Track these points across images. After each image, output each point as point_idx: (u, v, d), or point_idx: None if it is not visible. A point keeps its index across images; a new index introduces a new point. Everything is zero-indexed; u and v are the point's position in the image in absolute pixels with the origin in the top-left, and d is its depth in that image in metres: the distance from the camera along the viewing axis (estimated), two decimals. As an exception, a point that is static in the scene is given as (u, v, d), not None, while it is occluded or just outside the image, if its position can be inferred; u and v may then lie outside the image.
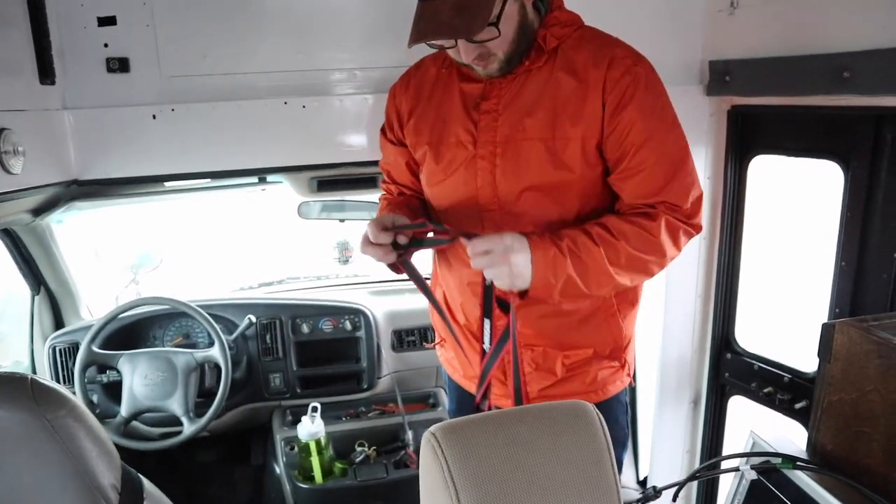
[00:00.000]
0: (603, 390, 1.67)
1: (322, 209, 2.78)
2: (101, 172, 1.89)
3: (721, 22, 2.10)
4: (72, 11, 1.80)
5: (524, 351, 1.62)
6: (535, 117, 1.47)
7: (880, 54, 1.62)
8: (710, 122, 2.23)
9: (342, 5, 1.93)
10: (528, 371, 1.64)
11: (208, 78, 1.90)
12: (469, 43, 1.38)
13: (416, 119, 1.61)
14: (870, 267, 1.90)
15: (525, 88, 1.48)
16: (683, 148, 1.51)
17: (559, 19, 1.49)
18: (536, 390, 1.64)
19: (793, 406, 2.10)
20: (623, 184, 1.49)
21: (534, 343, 1.61)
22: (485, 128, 1.50)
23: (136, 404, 2.33)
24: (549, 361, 1.62)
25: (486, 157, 1.51)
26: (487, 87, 1.51)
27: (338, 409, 2.62)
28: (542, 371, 1.63)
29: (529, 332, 1.60)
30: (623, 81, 1.44)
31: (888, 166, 1.81)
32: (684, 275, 2.38)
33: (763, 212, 2.31)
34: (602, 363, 1.65)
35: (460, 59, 1.45)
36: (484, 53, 1.41)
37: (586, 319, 1.60)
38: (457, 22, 1.31)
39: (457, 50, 1.41)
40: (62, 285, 2.70)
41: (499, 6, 1.34)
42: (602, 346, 1.64)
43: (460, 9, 1.30)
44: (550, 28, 1.47)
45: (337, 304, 2.73)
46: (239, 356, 2.60)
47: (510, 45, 1.42)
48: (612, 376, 1.68)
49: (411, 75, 1.67)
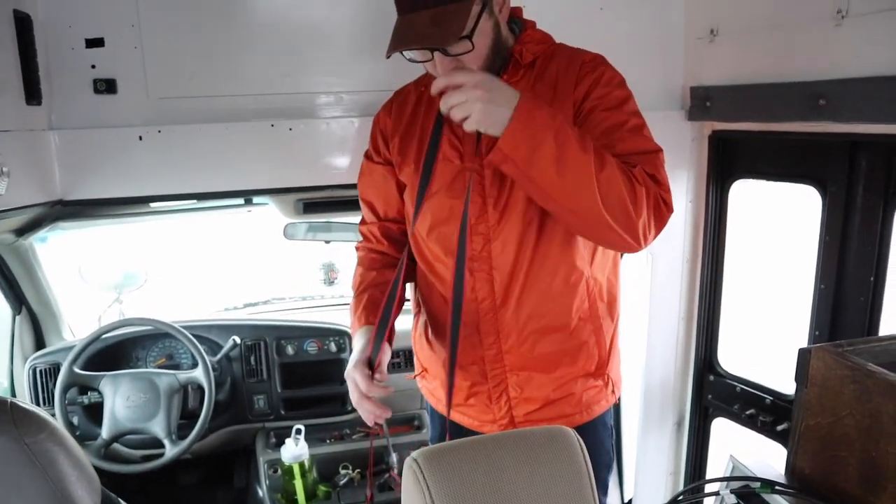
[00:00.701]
0: (588, 411, 1.67)
1: (308, 230, 2.79)
2: (85, 193, 1.88)
3: (702, 49, 2.15)
4: (60, 33, 1.80)
5: (510, 376, 1.62)
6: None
7: (854, 83, 1.67)
8: (691, 146, 2.27)
9: (330, 29, 1.95)
10: (514, 396, 1.64)
11: (195, 100, 1.91)
12: (444, 57, 1.41)
13: (400, 139, 1.63)
14: (848, 290, 1.93)
15: None
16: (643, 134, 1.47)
17: (533, 37, 1.55)
18: (522, 415, 1.64)
19: (775, 428, 2.11)
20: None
21: (519, 368, 1.62)
22: (470, 141, 1.54)
23: (118, 426, 2.31)
24: (534, 386, 1.62)
25: (474, 168, 1.54)
26: None
27: (322, 431, 2.60)
28: (528, 395, 1.63)
29: (515, 356, 1.60)
30: (591, 75, 1.49)
31: (864, 191, 1.85)
32: (667, 296, 2.41)
33: (745, 235, 2.35)
34: (587, 383, 1.66)
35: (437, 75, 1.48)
36: (459, 68, 1.43)
37: (571, 335, 1.61)
38: (432, 32, 1.35)
39: (433, 64, 1.45)
40: (44, 305, 2.68)
41: (473, 21, 1.38)
42: (587, 363, 1.64)
43: (436, 21, 1.35)
44: (526, 44, 1.53)
45: (322, 325, 2.72)
46: (223, 377, 2.59)
47: (485, 61, 1.46)
48: (596, 395, 1.68)
49: (393, 100, 1.70)
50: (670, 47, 2.21)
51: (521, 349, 1.60)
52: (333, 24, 1.95)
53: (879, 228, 1.83)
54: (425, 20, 1.36)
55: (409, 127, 1.63)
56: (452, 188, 1.56)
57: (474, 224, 1.55)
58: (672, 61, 2.22)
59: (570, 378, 1.64)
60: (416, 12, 1.37)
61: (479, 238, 1.55)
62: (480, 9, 1.40)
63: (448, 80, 1.29)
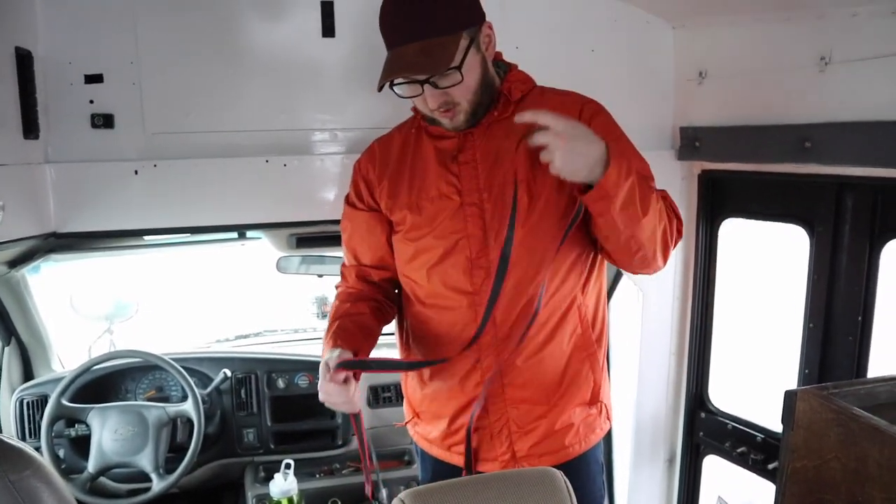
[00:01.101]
0: (586, 440, 1.69)
1: (301, 263, 2.79)
2: (80, 226, 1.89)
3: (691, 90, 2.20)
4: (60, 69, 1.83)
5: (510, 409, 1.63)
6: (513, 161, 1.54)
7: (838, 127, 1.71)
8: (681, 185, 2.30)
9: (324, 67, 1.99)
10: (515, 430, 1.64)
11: (191, 135, 1.93)
12: (434, 90, 1.45)
13: (389, 182, 1.65)
14: (837, 329, 1.95)
15: (498, 137, 1.57)
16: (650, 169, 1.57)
17: (519, 77, 1.61)
18: (525, 448, 1.65)
19: (766, 467, 2.11)
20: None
21: (520, 401, 1.62)
22: (468, 177, 1.57)
23: (105, 460, 2.28)
24: (534, 417, 1.63)
25: (474, 203, 1.56)
26: (461, 140, 1.58)
27: (312, 465, 2.58)
28: (530, 429, 1.64)
29: (516, 389, 1.61)
30: (585, 113, 1.55)
31: (850, 232, 1.88)
32: (658, 333, 2.42)
33: (735, 272, 2.37)
34: (584, 412, 1.68)
35: (426, 110, 1.53)
36: (449, 102, 1.48)
37: (568, 364, 1.62)
38: (422, 62, 1.41)
39: (423, 99, 1.49)
40: (34, 336, 2.66)
41: (462, 54, 1.43)
42: (584, 391, 1.66)
43: (425, 52, 1.41)
44: (513, 83, 1.58)
45: (313, 358, 2.71)
46: (213, 410, 2.57)
47: (474, 95, 1.50)
48: (592, 423, 1.70)
49: (374, 148, 1.72)
50: (660, 88, 2.25)
51: (521, 382, 1.61)
52: (328, 62, 1.99)
53: (866, 268, 1.86)
54: (414, 51, 1.41)
55: (397, 169, 1.65)
56: (451, 223, 1.58)
57: (475, 258, 1.57)
58: (662, 102, 2.26)
59: (569, 408, 1.65)
60: (405, 45, 1.43)
61: (480, 272, 1.57)
62: (468, 43, 1.45)
63: (534, 116, 1.32)
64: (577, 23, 2.14)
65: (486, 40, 1.52)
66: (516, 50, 1.97)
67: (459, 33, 1.43)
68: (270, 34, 1.95)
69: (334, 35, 1.97)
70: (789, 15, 1.83)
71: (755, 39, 1.96)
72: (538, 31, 2.10)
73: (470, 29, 1.46)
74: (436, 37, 1.41)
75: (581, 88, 1.68)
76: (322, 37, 1.97)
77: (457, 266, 1.58)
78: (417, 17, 1.42)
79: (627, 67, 2.20)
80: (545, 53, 2.07)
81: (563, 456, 1.66)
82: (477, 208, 1.56)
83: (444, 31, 1.42)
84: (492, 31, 1.54)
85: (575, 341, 1.63)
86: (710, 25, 2.10)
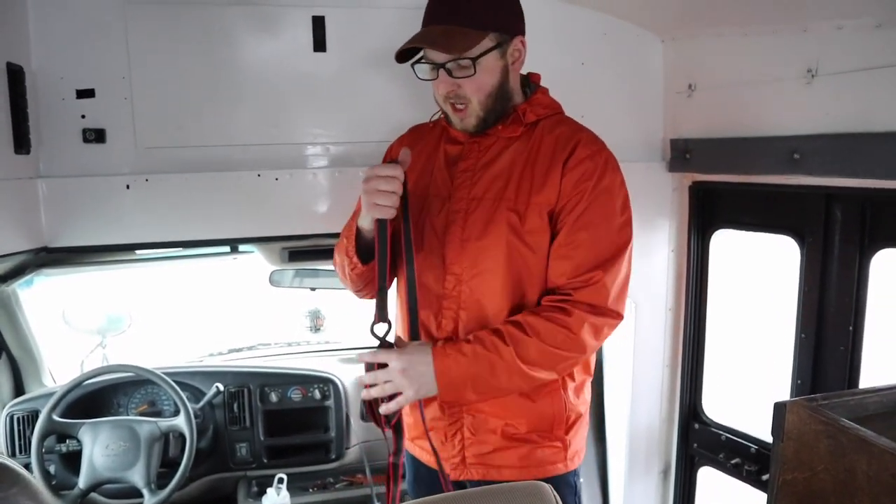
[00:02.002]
0: (540, 468, 1.64)
1: (294, 277, 2.79)
2: (71, 240, 1.89)
3: (681, 103, 2.22)
4: (51, 84, 1.84)
5: (465, 416, 1.63)
6: (506, 183, 1.57)
7: (826, 139, 1.73)
8: (672, 196, 2.31)
9: (316, 81, 2.00)
10: (468, 436, 1.64)
11: (183, 150, 1.94)
12: (447, 77, 1.51)
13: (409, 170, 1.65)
14: (828, 339, 1.95)
15: (501, 155, 1.59)
16: (620, 247, 1.55)
17: (541, 101, 1.64)
18: (473, 455, 1.65)
19: (759, 478, 2.11)
20: (554, 258, 1.55)
21: (476, 410, 1.62)
22: (460, 185, 1.60)
23: (96, 475, 2.26)
24: (488, 429, 1.63)
25: (458, 210, 1.59)
26: (466, 149, 1.62)
27: (305, 479, 2.56)
28: (481, 438, 1.63)
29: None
30: (585, 164, 1.53)
31: (840, 242, 1.89)
32: (651, 344, 2.42)
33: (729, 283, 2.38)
34: (541, 441, 1.64)
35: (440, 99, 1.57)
36: (461, 96, 1.53)
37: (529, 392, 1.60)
38: (440, 39, 1.47)
39: (437, 84, 1.54)
40: (25, 351, 2.65)
41: (481, 50, 1.48)
42: (540, 421, 1.63)
43: (447, 34, 1.47)
44: (533, 106, 1.61)
45: (306, 372, 2.70)
46: (205, 425, 2.55)
47: (486, 98, 1.54)
48: (551, 457, 1.66)
49: (407, 135, 1.78)
50: (650, 101, 2.27)
51: None
52: (320, 76, 2.00)
53: (856, 278, 1.86)
54: (439, 32, 1.48)
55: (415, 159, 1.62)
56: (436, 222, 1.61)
57: (449, 264, 1.58)
58: (652, 114, 2.28)
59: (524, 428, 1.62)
60: (435, 25, 1.50)
61: (452, 278, 1.59)
62: (493, 45, 1.50)
63: (373, 357, 1.49)
64: (568, 37, 2.16)
65: (516, 54, 1.57)
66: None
67: (487, 32, 1.49)
68: (262, 49, 1.96)
69: (326, 50, 1.98)
70: (776, 28, 1.85)
71: (743, 52, 1.98)
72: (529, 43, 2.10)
73: (500, 34, 1.51)
74: (463, 25, 1.47)
75: (571, 101, 1.69)
76: (314, 51, 1.98)
77: (433, 267, 1.61)
78: (455, 3, 1.49)
79: (618, 80, 2.22)
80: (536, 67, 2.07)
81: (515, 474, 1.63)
82: (459, 216, 1.59)
83: (473, 23, 1.48)
84: (523, 48, 1.58)
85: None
86: (699, 39, 2.12)
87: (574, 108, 1.69)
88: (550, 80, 2.02)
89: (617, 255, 1.54)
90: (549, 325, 1.49)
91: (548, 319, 1.49)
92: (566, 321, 1.49)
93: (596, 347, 1.58)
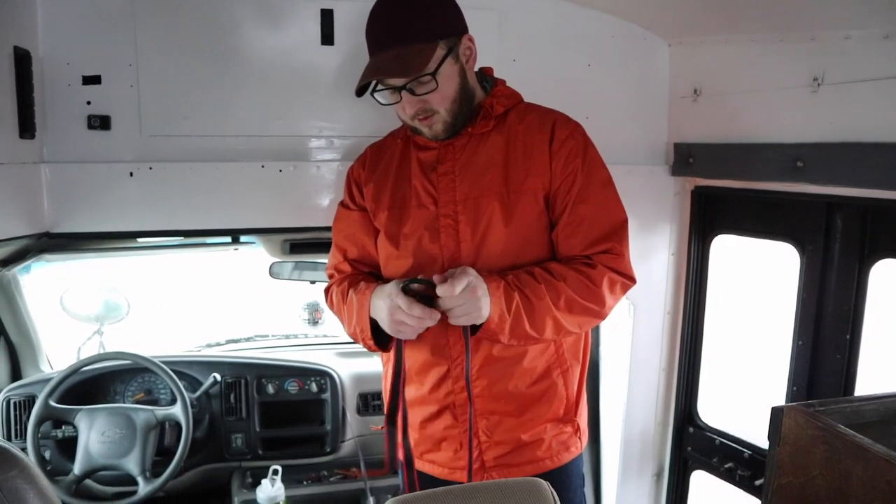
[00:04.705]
0: (558, 456, 1.69)
1: (293, 269, 2.80)
2: (73, 226, 1.89)
3: (685, 107, 2.22)
4: (58, 69, 1.83)
5: (479, 419, 1.63)
6: (490, 176, 1.58)
7: (830, 147, 1.73)
8: (674, 200, 2.32)
9: (323, 75, 2.00)
10: (484, 440, 1.65)
11: (188, 139, 1.94)
12: (411, 96, 1.50)
13: (374, 186, 1.69)
14: (825, 346, 1.96)
15: (478, 151, 1.60)
16: (619, 211, 1.62)
17: (504, 92, 1.64)
18: (492, 458, 1.65)
19: (753, 483, 2.12)
20: (563, 237, 1.58)
21: (489, 412, 1.63)
22: (444, 188, 1.60)
23: (91, 462, 2.27)
24: (504, 429, 1.64)
25: (448, 215, 1.59)
26: (442, 152, 1.62)
27: (299, 472, 2.57)
28: (498, 439, 1.64)
29: (485, 399, 1.62)
30: (569, 142, 1.57)
31: (840, 251, 1.89)
32: (648, 347, 2.42)
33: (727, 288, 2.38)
34: (556, 428, 1.68)
35: (406, 118, 1.57)
36: (427, 109, 1.52)
37: (540, 379, 1.63)
38: (396, 65, 1.46)
39: (402, 106, 1.53)
40: (23, 336, 2.65)
41: (437, 62, 1.48)
42: (556, 407, 1.67)
43: (400, 58, 1.46)
44: (498, 98, 1.61)
45: (304, 365, 2.71)
46: (201, 414, 2.56)
47: (452, 104, 1.54)
48: (566, 441, 1.70)
49: (367, 153, 1.77)
50: (655, 104, 2.27)
51: (491, 392, 1.61)
52: (326, 70, 2.00)
53: (855, 287, 1.87)
54: (391, 57, 1.46)
55: (383, 174, 1.69)
56: (428, 232, 1.60)
57: (448, 267, 1.58)
58: (657, 118, 2.28)
59: (540, 422, 1.65)
60: (383, 52, 1.48)
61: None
62: (446, 52, 1.49)
63: (450, 290, 1.42)
64: (574, 38, 2.16)
65: (467, 52, 1.56)
66: (513, 63, 2.00)
67: (436, 42, 1.47)
68: (270, 41, 1.96)
69: (333, 43, 1.98)
70: (783, 36, 1.85)
71: (749, 59, 1.98)
72: (535, 45, 2.12)
73: (448, 39, 1.50)
74: (411, 44, 1.46)
75: (577, 103, 1.70)
76: (321, 44, 1.98)
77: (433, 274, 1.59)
78: (395, 26, 1.48)
79: (623, 83, 2.22)
80: (542, 67, 2.09)
81: (533, 469, 1.66)
82: (451, 220, 1.59)
83: (420, 38, 1.47)
84: (472, 44, 1.57)
85: (548, 357, 1.64)
86: (706, 44, 2.12)
87: (579, 109, 1.69)
88: (556, 80, 2.04)
89: (623, 222, 1.60)
90: (574, 274, 1.52)
91: (573, 269, 1.54)
92: (589, 273, 1.53)
93: (612, 307, 1.60)
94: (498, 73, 1.70)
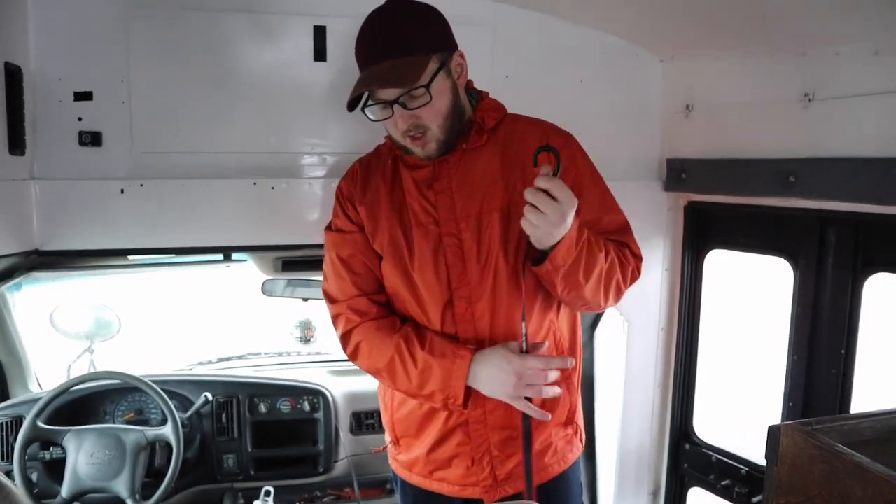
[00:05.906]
0: (564, 459, 1.72)
1: (286, 287, 2.77)
2: (63, 244, 1.87)
3: (678, 123, 2.23)
4: (49, 85, 1.82)
5: (492, 435, 1.63)
6: (489, 189, 1.56)
7: (822, 163, 1.74)
8: (668, 215, 2.32)
9: (315, 91, 1.99)
10: (496, 454, 1.64)
11: (179, 156, 1.92)
12: (404, 110, 1.47)
13: (368, 207, 1.64)
14: (820, 362, 1.96)
15: (473, 166, 1.58)
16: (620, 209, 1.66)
17: (492, 105, 1.63)
18: (504, 473, 1.65)
19: (750, 500, 2.10)
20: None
21: (501, 427, 1.62)
22: (444, 206, 1.57)
23: (79, 485, 2.22)
24: (516, 444, 1.63)
25: (452, 233, 1.57)
26: (436, 169, 1.59)
27: (292, 493, 2.53)
28: (510, 453, 1.64)
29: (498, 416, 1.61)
30: (565, 151, 1.53)
31: (833, 265, 1.90)
32: (643, 363, 2.42)
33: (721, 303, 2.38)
34: (562, 431, 1.71)
35: (398, 135, 1.53)
36: (420, 126, 1.49)
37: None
38: (389, 75, 1.44)
39: (394, 122, 1.50)
40: (12, 355, 2.61)
41: (430, 75, 1.46)
42: (561, 412, 1.69)
43: (393, 69, 1.44)
44: (486, 111, 1.60)
45: (296, 384, 2.68)
46: (192, 435, 2.52)
47: (444, 121, 1.51)
48: (568, 444, 1.73)
49: (356, 170, 1.72)
50: (648, 120, 2.28)
51: (503, 408, 1.59)
52: (319, 86, 1.99)
53: (849, 301, 1.87)
54: (384, 69, 1.45)
55: (374, 195, 1.65)
56: (432, 252, 1.58)
57: (456, 287, 1.57)
58: (649, 133, 2.29)
59: (549, 429, 1.67)
60: (376, 64, 1.46)
61: (462, 301, 1.57)
62: (438, 67, 1.48)
63: (548, 184, 1.34)
64: (567, 54, 2.17)
65: (458, 69, 1.55)
66: (506, 79, 2.01)
67: (429, 56, 1.46)
68: (262, 57, 1.96)
69: (326, 60, 1.98)
70: (775, 52, 1.87)
71: (741, 75, 1.99)
72: (528, 60, 2.13)
73: (440, 54, 1.49)
74: (405, 56, 1.45)
75: (570, 119, 1.70)
76: (314, 61, 1.98)
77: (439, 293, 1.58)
78: (388, 38, 1.47)
79: (616, 99, 2.23)
80: (535, 83, 2.10)
81: (542, 476, 1.68)
82: (455, 238, 1.57)
83: (413, 51, 1.46)
84: (463, 61, 1.56)
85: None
86: (698, 60, 2.13)
87: (572, 125, 1.68)
88: (549, 96, 2.04)
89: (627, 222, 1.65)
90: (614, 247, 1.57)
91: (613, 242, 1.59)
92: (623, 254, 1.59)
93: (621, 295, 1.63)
94: (491, 90, 1.69)
